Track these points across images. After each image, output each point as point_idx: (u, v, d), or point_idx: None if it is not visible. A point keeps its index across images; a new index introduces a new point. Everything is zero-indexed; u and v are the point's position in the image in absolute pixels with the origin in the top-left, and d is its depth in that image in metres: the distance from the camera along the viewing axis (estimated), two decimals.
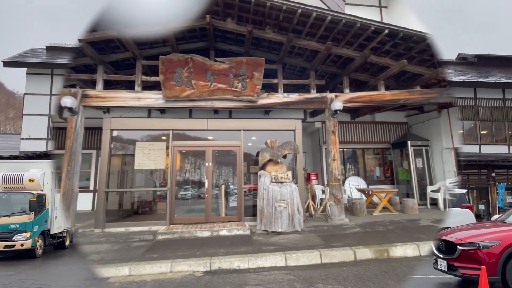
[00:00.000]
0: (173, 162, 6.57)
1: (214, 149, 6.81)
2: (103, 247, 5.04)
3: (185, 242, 5.20)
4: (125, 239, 5.46)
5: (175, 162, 6.61)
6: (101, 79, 6.27)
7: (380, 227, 5.97)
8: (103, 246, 5.09)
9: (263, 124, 7.02)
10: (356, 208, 7.25)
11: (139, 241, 5.39)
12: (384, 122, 10.21)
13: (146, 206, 7.78)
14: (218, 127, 6.80)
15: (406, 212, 7.37)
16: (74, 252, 6.26)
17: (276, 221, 5.69)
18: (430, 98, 6.71)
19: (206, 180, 6.62)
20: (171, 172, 6.52)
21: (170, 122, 6.72)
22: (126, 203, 7.69)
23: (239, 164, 6.78)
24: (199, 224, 6.27)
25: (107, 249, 4.87)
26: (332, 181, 6.46)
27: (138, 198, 7.75)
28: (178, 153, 7.29)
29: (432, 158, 9.01)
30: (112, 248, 4.93)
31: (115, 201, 7.11)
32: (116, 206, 7.14)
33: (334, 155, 6.51)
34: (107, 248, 4.96)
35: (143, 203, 7.87)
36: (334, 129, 6.64)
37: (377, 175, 10.34)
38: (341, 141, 8.31)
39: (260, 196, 6.03)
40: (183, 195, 6.99)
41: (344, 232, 5.66)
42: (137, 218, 7.00)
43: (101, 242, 5.31)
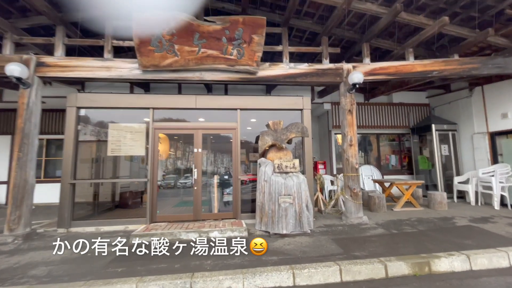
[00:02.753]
0: (153, 147, 5.41)
1: (204, 132, 5.62)
2: (58, 254, 3.96)
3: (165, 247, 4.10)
4: (91, 243, 4.37)
5: (156, 147, 5.45)
6: (61, 43, 5.00)
7: (408, 227, 4.84)
8: (60, 253, 4.01)
9: (264, 102, 5.79)
10: (374, 203, 6.13)
11: (108, 245, 4.30)
12: (402, 104, 8.94)
13: (131, 199, 6.69)
14: (210, 106, 5.58)
15: (432, 207, 6.24)
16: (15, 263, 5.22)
17: (279, 221, 4.57)
18: (470, 69, 5.42)
19: (195, 170, 5.48)
20: (152, 159, 5.37)
21: (150, 99, 5.50)
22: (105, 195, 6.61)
23: (235, 150, 5.61)
24: (186, 223, 5.18)
25: (62, 259, 3.79)
26: (348, 171, 5.29)
27: (127, 189, 6.64)
28: (167, 138, 6.14)
29: (460, 145, 7.79)
30: (70, 257, 3.85)
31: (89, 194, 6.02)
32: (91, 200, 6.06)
33: (351, 139, 5.31)
34: (63, 256, 3.88)
35: (128, 195, 6.78)
36: (351, 108, 5.41)
37: (393, 164, 9.18)
38: None
39: (260, 189, 4.89)
40: (167, 188, 5.87)
41: (364, 234, 4.54)
42: (114, 215, 5.92)
43: (59, 247, 4.22)
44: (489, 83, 7.02)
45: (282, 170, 4.89)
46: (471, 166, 7.46)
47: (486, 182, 6.51)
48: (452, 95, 8.09)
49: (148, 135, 5.39)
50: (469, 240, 4.08)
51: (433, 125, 7.75)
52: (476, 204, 6.68)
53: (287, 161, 4.94)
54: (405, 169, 9.12)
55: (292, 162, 4.96)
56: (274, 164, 4.90)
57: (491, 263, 3.49)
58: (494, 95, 6.93)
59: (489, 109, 7.04)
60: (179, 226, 4.89)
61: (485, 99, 7.12)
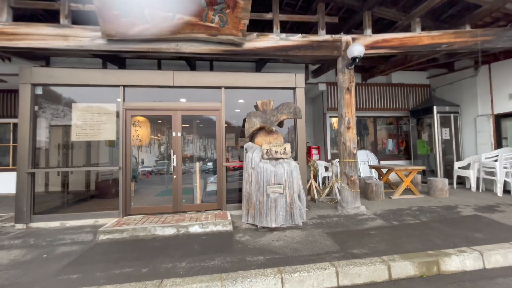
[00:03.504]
0: (126, 131, 4.74)
1: (184, 113, 4.96)
2: (10, 255, 3.38)
3: (136, 246, 3.57)
4: (52, 241, 3.80)
5: (129, 131, 4.78)
6: (5, 6, 4.15)
7: (410, 218, 4.41)
8: (12, 254, 3.43)
9: (251, 80, 5.11)
10: (371, 191, 5.68)
11: (70, 244, 3.74)
12: (402, 84, 8.37)
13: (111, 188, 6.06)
14: (190, 83, 4.89)
15: (433, 194, 5.85)
16: None
17: (268, 213, 4.06)
18: (483, 42, 4.83)
19: (174, 156, 4.87)
20: (124, 145, 4.72)
21: (121, 75, 4.76)
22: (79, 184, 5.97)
23: (219, 134, 4.99)
24: (164, 215, 4.63)
25: (10, 262, 3.20)
26: (345, 156, 4.77)
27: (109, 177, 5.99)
28: (148, 121, 5.46)
29: (461, 128, 7.35)
30: (21, 259, 3.27)
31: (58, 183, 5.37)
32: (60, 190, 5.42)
33: (349, 121, 4.75)
34: (13, 258, 3.30)
35: (107, 184, 6.15)
36: (349, 86, 4.80)
37: (389, 149, 8.73)
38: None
39: (246, 178, 4.34)
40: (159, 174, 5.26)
41: (363, 226, 4.09)
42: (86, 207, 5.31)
43: (13, 247, 3.64)
44: (497, 61, 6.48)
45: (272, 156, 4.33)
46: (472, 150, 7.06)
47: (489, 167, 6.12)
48: (456, 74, 7.54)
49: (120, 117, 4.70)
50: (478, 233, 3.66)
51: (434, 106, 7.25)
52: (477, 190, 6.33)
53: (277, 146, 4.37)
54: (402, 154, 8.70)
55: (283, 147, 4.39)
56: (263, 149, 4.32)
57: (506, 260, 3.07)
58: (501, 74, 6.41)
59: (495, 89, 6.54)
60: (155, 220, 4.34)
61: (492, 79, 6.60)
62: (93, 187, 6.11)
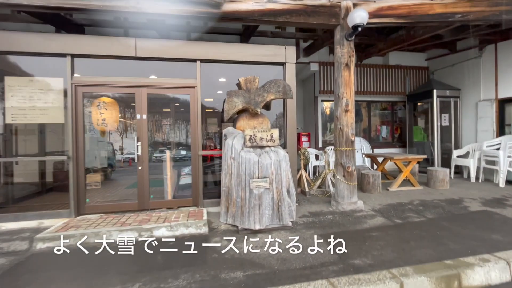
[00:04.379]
0: (75, 112, 3.84)
1: (150, 91, 4.08)
2: None
3: (82, 258, 2.80)
4: None
5: (79, 112, 3.88)
6: None
7: (413, 214, 3.86)
8: None
9: (234, 52, 4.27)
10: (367, 182, 5.10)
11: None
12: (399, 66, 7.74)
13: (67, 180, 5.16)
14: (157, 54, 3.99)
15: (433, 186, 5.36)
16: None
17: (251, 212, 3.37)
18: (502, 12, 4.19)
19: (139, 144, 4.04)
20: (74, 130, 3.83)
21: (67, 40, 3.79)
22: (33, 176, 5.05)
23: (194, 116, 4.18)
24: (127, 214, 3.86)
25: None
26: (342, 144, 4.10)
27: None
28: (116, 103, 4.57)
29: (461, 114, 6.86)
30: None
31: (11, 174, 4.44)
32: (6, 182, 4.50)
33: (347, 103, 4.05)
34: None
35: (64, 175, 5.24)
36: (349, 61, 4.07)
37: (383, 136, 8.22)
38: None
39: (225, 169, 3.60)
40: (102, 167, 4.45)
41: (362, 226, 3.49)
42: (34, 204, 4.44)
43: None
44: (505, 40, 5.91)
45: (256, 144, 3.59)
46: (471, 138, 6.62)
47: (490, 156, 5.68)
48: (457, 56, 6.96)
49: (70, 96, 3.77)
50: (495, 233, 3.14)
51: (434, 90, 6.68)
52: (477, 181, 5.91)
53: (263, 132, 3.63)
54: (397, 141, 8.21)
55: (269, 132, 3.65)
56: (245, 135, 3.57)
57: None
58: (509, 55, 5.86)
59: (501, 71, 6.01)
60: (114, 221, 3.56)
61: (498, 60, 6.06)
62: (50, 179, 5.23)
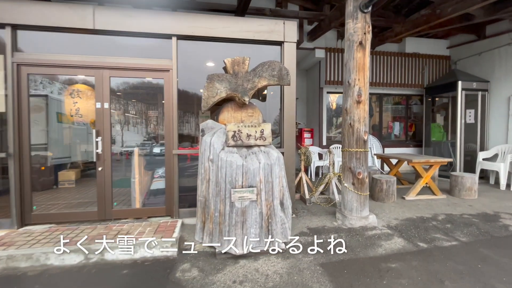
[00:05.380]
0: (18, 98, 3.07)
1: (114, 73, 3.29)
2: None
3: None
4: None
5: (24, 98, 3.11)
6: None
7: (440, 235, 3.04)
8: None
9: (220, 27, 3.44)
10: (380, 189, 4.28)
11: None
12: (417, 54, 6.80)
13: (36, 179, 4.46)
14: (120, 27, 3.18)
15: (458, 195, 4.52)
16: None
17: (232, 231, 2.59)
18: None
19: (99, 139, 3.27)
20: (17, 120, 3.07)
21: (5, 7, 2.99)
22: None
23: (169, 106, 3.38)
24: (82, 226, 3.12)
25: None
26: (351, 144, 3.28)
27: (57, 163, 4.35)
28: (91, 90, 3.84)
29: (489, 110, 5.95)
30: None
31: None
32: None
33: (360, 92, 3.21)
34: None
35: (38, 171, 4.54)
36: (363, 39, 3.21)
37: (396, 133, 7.34)
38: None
39: (202, 174, 2.82)
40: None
41: (376, 251, 2.69)
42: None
43: None
44: None
45: (242, 143, 2.79)
46: (500, 138, 5.72)
47: None
48: (486, 42, 6.00)
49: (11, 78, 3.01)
50: None
51: (459, 82, 5.76)
52: (507, 188, 5.05)
53: (251, 127, 2.82)
54: (411, 140, 7.34)
55: (259, 128, 2.84)
56: (227, 131, 2.77)
57: None
58: None
59: None
60: (63, 235, 2.82)
61: None
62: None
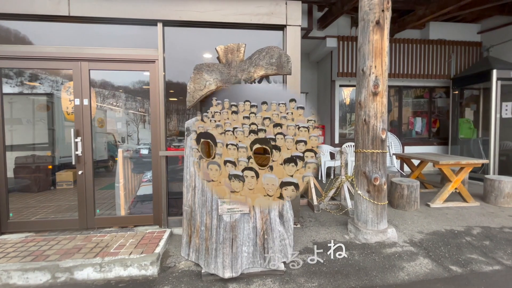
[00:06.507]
0: None
1: (93, 66, 2.94)
2: None
3: None
4: None
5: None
6: None
7: (477, 255, 2.48)
8: None
9: (211, 10, 3.00)
10: (400, 195, 3.72)
11: None
12: (442, 41, 6.06)
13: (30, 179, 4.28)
14: (98, 13, 2.82)
15: (493, 202, 3.87)
16: None
17: (220, 250, 2.18)
18: None
19: (78, 139, 2.94)
20: None
21: None
22: None
23: (154, 101, 3.00)
24: (61, 236, 2.81)
25: None
26: (367, 145, 2.76)
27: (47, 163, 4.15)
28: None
29: None
30: None
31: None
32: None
33: (377, 81, 2.68)
34: None
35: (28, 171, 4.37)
36: (381, 16, 2.66)
37: (417, 130, 6.64)
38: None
39: (187, 181, 2.42)
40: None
41: (396, 277, 2.18)
42: None
43: None
44: None
45: None
46: None
47: None
48: None
49: None
50: None
51: (494, 71, 5.02)
52: None
53: None
54: (435, 137, 6.62)
55: None
56: None
57: None
58: None
59: None
60: (34, 248, 2.52)
61: None
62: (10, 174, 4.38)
